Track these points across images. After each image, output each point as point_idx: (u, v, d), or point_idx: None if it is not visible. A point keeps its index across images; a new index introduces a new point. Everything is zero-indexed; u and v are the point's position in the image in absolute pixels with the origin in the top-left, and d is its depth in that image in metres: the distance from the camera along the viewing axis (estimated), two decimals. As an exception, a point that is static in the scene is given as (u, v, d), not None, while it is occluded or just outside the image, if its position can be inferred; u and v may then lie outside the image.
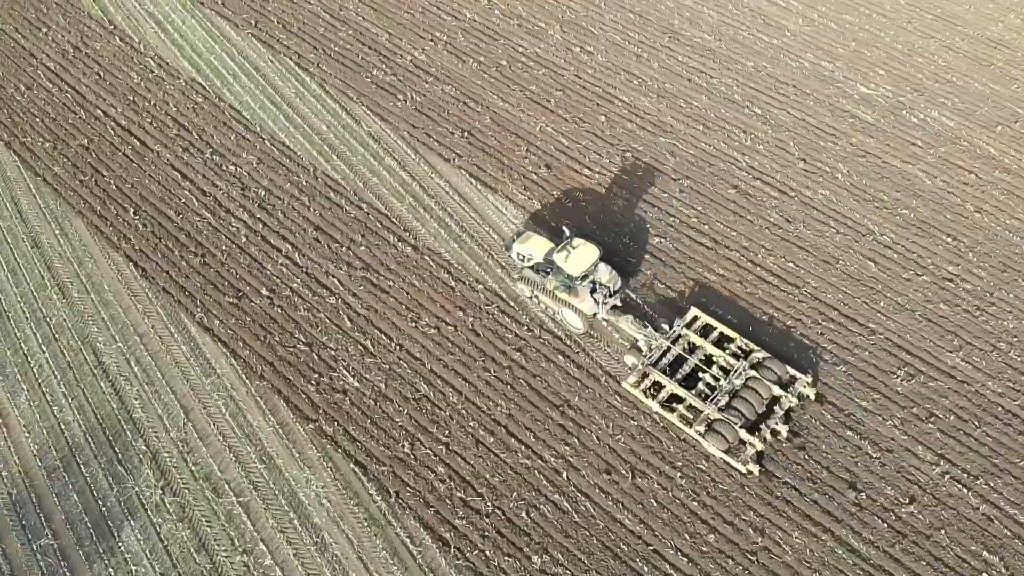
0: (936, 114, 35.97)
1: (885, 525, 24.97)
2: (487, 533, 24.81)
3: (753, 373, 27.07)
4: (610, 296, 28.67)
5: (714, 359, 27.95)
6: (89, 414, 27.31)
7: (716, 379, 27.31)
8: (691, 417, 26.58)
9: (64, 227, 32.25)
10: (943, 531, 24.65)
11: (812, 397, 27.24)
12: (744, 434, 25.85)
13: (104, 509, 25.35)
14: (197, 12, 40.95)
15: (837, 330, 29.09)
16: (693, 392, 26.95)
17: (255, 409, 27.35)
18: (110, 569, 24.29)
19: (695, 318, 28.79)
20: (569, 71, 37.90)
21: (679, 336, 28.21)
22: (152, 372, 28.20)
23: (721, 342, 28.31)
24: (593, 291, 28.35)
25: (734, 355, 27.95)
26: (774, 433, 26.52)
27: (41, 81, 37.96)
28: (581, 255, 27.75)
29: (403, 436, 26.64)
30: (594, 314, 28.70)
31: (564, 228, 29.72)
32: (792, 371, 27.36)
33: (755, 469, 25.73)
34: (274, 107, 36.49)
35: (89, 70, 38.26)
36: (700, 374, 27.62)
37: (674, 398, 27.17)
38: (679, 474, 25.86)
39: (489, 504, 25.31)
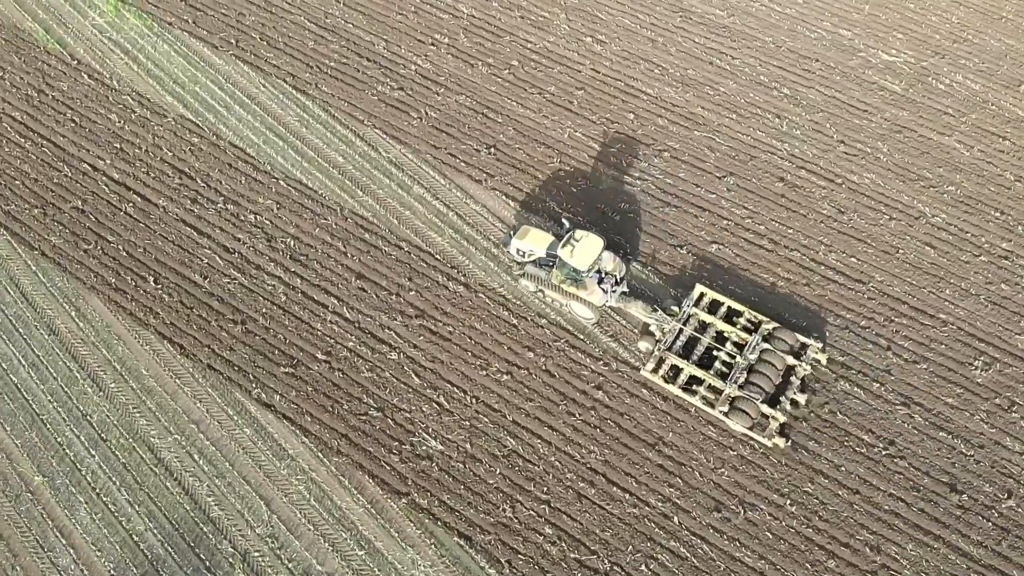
0: (960, 78, 35.41)
1: (989, 524, 25.30)
2: (609, 592, 24.32)
3: (766, 346, 27.48)
4: (617, 284, 28.30)
5: (726, 335, 28.26)
6: (161, 520, 25.41)
7: (732, 356, 27.71)
8: (712, 398, 26.99)
9: (80, 307, 29.41)
10: (1051, 526, 25.19)
11: (823, 362, 27.76)
12: (766, 408, 26.46)
13: (202, 622, 23.90)
14: (167, 35, 37.13)
15: (910, 325, 28.89)
16: (711, 372, 27.37)
17: (340, 489, 25.86)
18: None
19: (702, 295, 28.92)
20: (585, 65, 35.89)
21: (689, 316, 28.40)
22: (219, 463, 26.31)
23: (730, 316, 28.67)
24: (600, 281, 27.98)
25: (745, 329, 28.28)
26: (793, 403, 27.02)
27: (9, 135, 34.08)
28: (586, 247, 27.25)
29: (501, 499, 25.61)
30: (604, 304, 28.47)
31: (563, 219, 29.15)
32: (802, 338, 27.84)
33: (780, 442, 26.17)
34: (280, 140, 33.63)
35: (62, 116, 34.48)
36: (715, 352, 27.98)
37: (693, 380, 27.50)
38: (788, 501, 25.60)
39: (606, 561, 24.67)
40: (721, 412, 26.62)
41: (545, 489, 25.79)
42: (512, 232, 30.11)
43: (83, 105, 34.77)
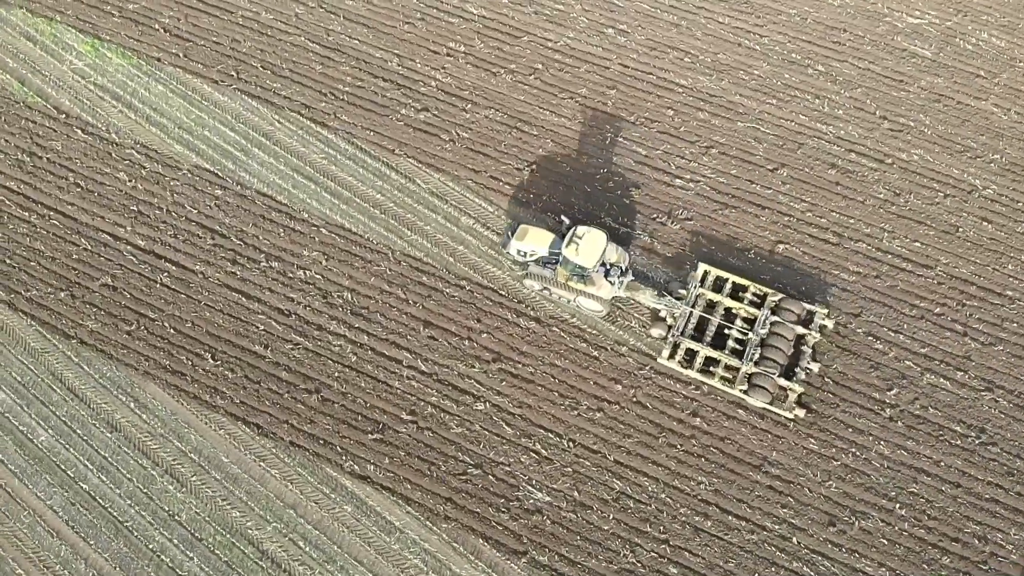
0: (986, 36, 34.98)
1: (1084, 499, 26.27)
2: (744, 623, 24.61)
3: (775, 318, 27.96)
4: (623, 274, 28.19)
5: (735, 312, 28.66)
6: (280, 616, 24.67)
7: (743, 332, 28.20)
8: (730, 377, 27.66)
9: (137, 397, 27.64)
10: None
11: (830, 327, 28.42)
12: (783, 381, 27.24)
13: None
14: (158, 73, 34.10)
15: (981, 307, 29.15)
16: (726, 351, 27.88)
17: (456, 557, 25.33)
18: None
19: (706, 273, 29.11)
20: (612, 60, 34.32)
21: (697, 297, 28.64)
22: (326, 547, 25.43)
23: (735, 292, 29.05)
24: (607, 274, 27.89)
25: (752, 303, 28.71)
26: (807, 372, 27.69)
27: (9, 209, 31.20)
28: (590, 244, 27.14)
29: (620, 544, 25.45)
30: (613, 296, 28.50)
31: (562, 217, 28.89)
32: (808, 306, 28.47)
33: (801, 412, 27.06)
34: (310, 182, 31.58)
35: (64, 181, 31.67)
36: (726, 330, 28.37)
37: (709, 361, 28.01)
38: (896, 504, 26.03)
39: (735, 593, 24.94)
40: (740, 391, 27.14)
41: (661, 528, 25.71)
42: (510, 233, 29.28)
43: (84, 165, 31.96)
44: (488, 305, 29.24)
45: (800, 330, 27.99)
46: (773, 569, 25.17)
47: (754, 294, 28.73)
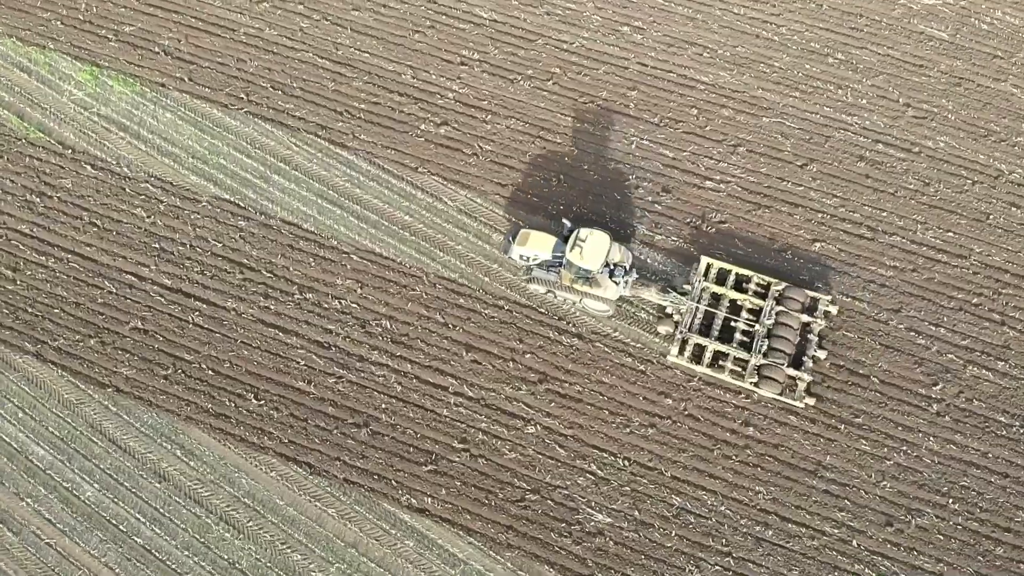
0: (1000, 14, 34.79)
1: None
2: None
3: (780, 308, 28.22)
4: (627, 273, 28.24)
5: (739, 303, 28.87)
6: (353, 658, 24.57)
7: (750, 324, 28.45)
8: (740, 370, 27.95)
9: (182, 443, 27.09)
10: None
11: (835, 312, 28.75)
12: (792, 371, 27.65)
13: None
14: (164, 100, 32.87)
15: (1016, 294, 29.36)
16: (734, 344, 28.15)
17: (523, 585, 25.40)
18: None
19: (708, 266, 29.25)
20: (630, 60, 33.67)
21: (702, 291, 28.81)
22: (392, 584, 25.38)
23: (739, 283, 29.18)
24: (611, 274, 27.95)
25: (756, 294, 28.92)
26: (815, 360, 28.05)
27: (24, 254, 30.12)
28: (594, 246, 27.27)
29: (684, 560, 25.60)
30: (620, 297, 28.69)
31: (564, 220, 28.86)
32: (811, 293, 28.78)
33: (811, 401, 27.52)
34: (335, 207, 30.80)
35: (79, 221, 30.61)
36: (733, 323, 28.58)
37: (718, 355, 28.28)
38: (950, 500, 26.40)
39: (802, 600, 25.25)
40: (751, 383, 27.45)
41: (724, 541, 25.88)
42: (511, 238, 29.05)
43: (98, 203, 30.89)
44: (528, 324, 28.93)
45: (805, 318, 28.27)
46: (836, 574, 25.51)
47: (758, 284, 28.82)
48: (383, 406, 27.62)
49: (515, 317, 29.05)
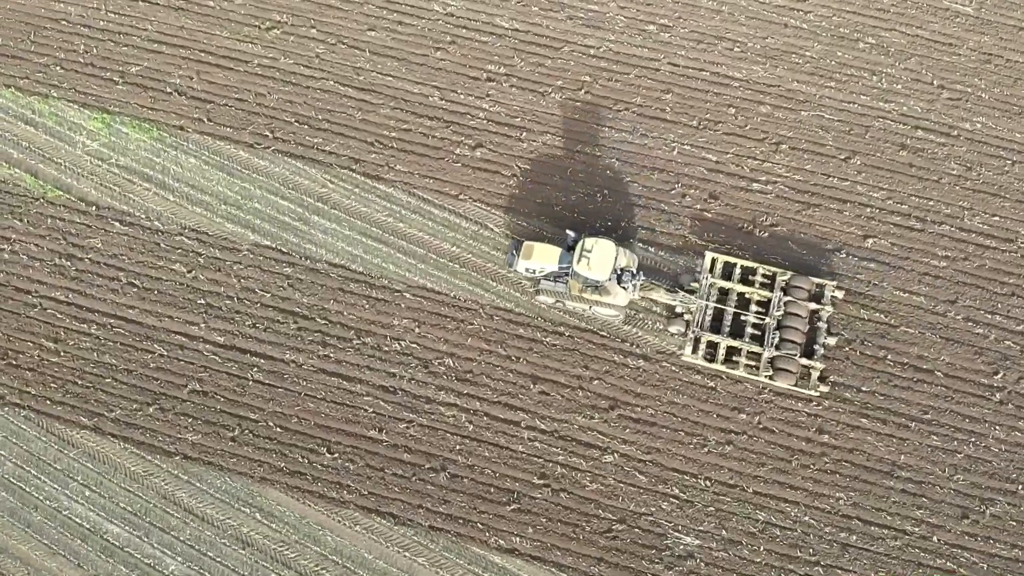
0: (1023, -22, 34.56)
1: None
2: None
3: (788, 298, 28.61)
4: (635, 277, 28.31)
5: (747, 296, 29.19)
6: None
7: (760, 316, 28.80)
8: (754, 364, 28.39)
9: (260, 506, 26.70)
10: None
11: (840, 297, 29.18)
12: (805, 361, 28.16)
13: None
14: (185, 144, 31.50)
15: (1067, 273, 29.79)
16: (746, 338, 28.50)
17: (620, 615, 25.72)
18: None
19: (713, 260, 29.48)
20: (661, 61, 32.89)
21: (710, 287, 29.09)
22: (492, 628, 25.54)
23: (745, 276, 29.44)
24: (620, 280, 28.07)
25: (763, 286, 29.20)
26: (825, 347, 28.56)
27: (63, 323, 29.02)
28: (601, 257, 27.37)
29: (775, 574, 26.02)
30: (629, 301, 28.91)
31: (568, 232, 28.96)
32: (817, 280, 29.18)
33: (825, 388, 28.14)
34: (380, 244, 30.00)
35: (116, 283, 29.49)
36: (742, 317, 28.92)
37: (731, 351, 28.67)
38: (1019, 486, 27.06)
39: (892, 602, 25.91)
40: (766, 376, 27.86)
41: (811, 551, 26.36)
42: (515, 251, 28.86)
43: (134, 261, 29.78)
44: (592, 349, 28.75)
45: (813, 306, 28.54)
46: (921, 571, 26.18)
47: (764, 275, 28.97)
48: (457, 447, 27.44)
49: (577, 343, 28.83)
